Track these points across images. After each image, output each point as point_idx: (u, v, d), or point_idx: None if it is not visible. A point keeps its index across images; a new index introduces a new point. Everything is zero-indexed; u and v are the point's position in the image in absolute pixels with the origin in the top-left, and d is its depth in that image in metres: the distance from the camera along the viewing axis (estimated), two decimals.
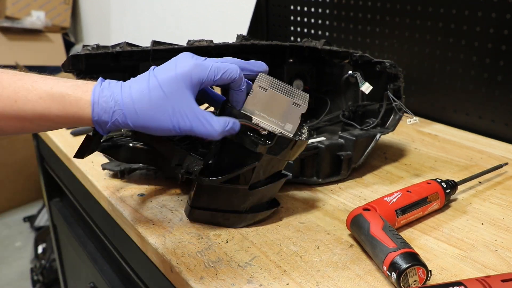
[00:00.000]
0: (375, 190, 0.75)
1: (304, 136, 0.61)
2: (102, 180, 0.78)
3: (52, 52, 2.60)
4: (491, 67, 0.94)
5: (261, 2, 1.43)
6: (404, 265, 0.50)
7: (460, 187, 0.71)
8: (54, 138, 0.99)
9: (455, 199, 0.71)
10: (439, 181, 0.68)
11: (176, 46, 0.73)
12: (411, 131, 1.01)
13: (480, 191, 0.74)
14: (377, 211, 0.60)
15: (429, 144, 0.94)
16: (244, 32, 1.52)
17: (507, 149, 0.90)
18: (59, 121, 0.52)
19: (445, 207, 0.69)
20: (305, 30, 1.32)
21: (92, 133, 0.58)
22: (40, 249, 2.03)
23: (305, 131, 0.63)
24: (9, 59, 2.41)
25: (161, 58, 0.74)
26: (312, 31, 1.30)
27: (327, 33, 1.26)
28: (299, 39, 1.35)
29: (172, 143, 0.61)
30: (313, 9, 1.28)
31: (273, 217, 0.66)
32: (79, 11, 2.82)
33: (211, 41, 0.77)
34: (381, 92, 0.80)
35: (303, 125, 0.63)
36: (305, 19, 1.31)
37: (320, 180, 0.76)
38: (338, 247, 0.60)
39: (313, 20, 1.29)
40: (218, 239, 0.61)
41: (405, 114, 0.79)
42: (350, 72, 0.81)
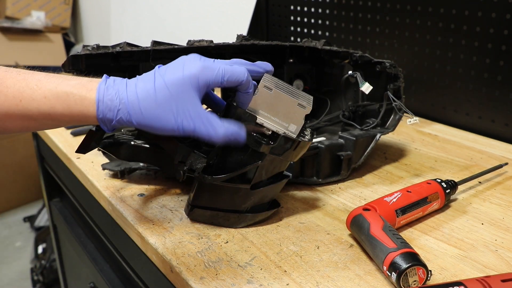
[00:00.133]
0: (375, 190, 0.75)
1: (307, 137, 0.61)
2: (102, 180, 0.78)
3: (52, 52, 2.60)
4: (491, 67, 0.94)
5: (261, 2, 1.43)
6: (404, 265, 0.50)
7: (460, 187, 0.71)
8: (54, 138, 0.98)
9: (455, 199, 0.71)
10: (439, 181, 0.68)
11: (176, 46, 0.73)
12: (411, 131, 1.01)
13: (480, 191, 0.74)
14: (377, 211, 0.60)
15: (429, 144, 0.94)
16: (244, 32, 1.52)
17: (507, 149, 0.90)
18: (64, 120, 0.52)
19: (445, 207, 0.69)
20: (305, 30, 1.32)
21: (95, 128, 0.58)
22: (40, 249, 2.03)
23: (308, 132, 0.63)
24: (9, 59, 2.42)
25: (161, 58, 0.75)
26: (312, 31, 1.30)
27: (327, 33, 1.26)
28: (299, 39, 1.35)
29: (176, 140, 0.61)
30: (313, 9, 1.28)
31: (273, 217, 0.66)
32: (79, 11, 2.82)
33: (211, 41, 0.77)
34: (381, 92, 0.80)
35: (305, 126, 0.63)
36: (305, 19, 1.31)
37: (320, 180, 0.76)
38: (338, 247, 0.60)
39: (313, 20, 1.29)
40: (218, 239, 0.61)
41: (405, 114, 0.79)
42: (350, 72, 0.81)
